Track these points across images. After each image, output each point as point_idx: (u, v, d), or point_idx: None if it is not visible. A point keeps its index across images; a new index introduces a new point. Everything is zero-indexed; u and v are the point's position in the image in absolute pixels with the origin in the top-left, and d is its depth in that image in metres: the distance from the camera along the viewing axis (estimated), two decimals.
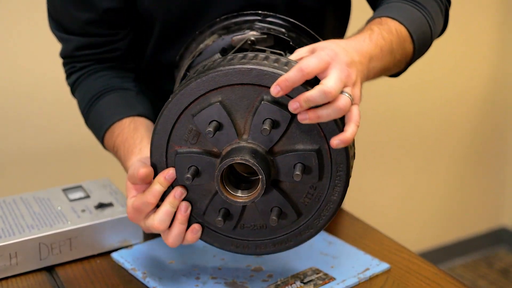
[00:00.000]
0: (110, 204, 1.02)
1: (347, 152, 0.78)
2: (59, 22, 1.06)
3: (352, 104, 0.75)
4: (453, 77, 2.46)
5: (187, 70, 0.93)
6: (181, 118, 0.79)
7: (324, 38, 0.90)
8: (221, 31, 0.93)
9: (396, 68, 0.95)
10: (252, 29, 0.91)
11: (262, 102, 0.76)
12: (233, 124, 0.77)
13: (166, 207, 0.83)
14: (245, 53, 0.78)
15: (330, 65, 0.75)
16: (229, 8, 0.98)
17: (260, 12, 0.93)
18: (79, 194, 1.07)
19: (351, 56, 0.78)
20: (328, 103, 0.74)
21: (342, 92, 0.75)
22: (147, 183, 0.83)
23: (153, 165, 0.83)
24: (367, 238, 1.03)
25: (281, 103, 0.76)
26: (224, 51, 0.92)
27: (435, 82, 2.42)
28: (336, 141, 0.75)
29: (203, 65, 0.81)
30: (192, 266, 0.93)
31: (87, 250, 0.97)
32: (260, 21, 0.93)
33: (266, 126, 0.75)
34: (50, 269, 0.96)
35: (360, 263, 0.94)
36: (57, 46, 1.10)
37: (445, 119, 2.49)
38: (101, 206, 1.02)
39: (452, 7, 1.07)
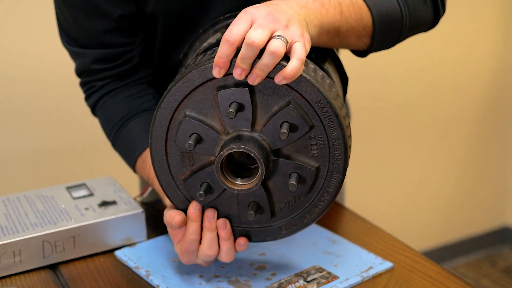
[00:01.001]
0: (113, 202, 1.02)
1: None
2: (71, 36, 1.03)
3: (288, 43, 0.74)
4: (454, 78, 2.46)
5: None
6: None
7: None
8: (224, 29, 0.93)
9: (355, 36, 0.91)
10: None
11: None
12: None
13: (207, 234, 0.85)
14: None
15: (253, 21, 0.75)
16: (230, 8, 0.98)
17: None
18: (82, 192, 1.07)
19: (275, 4, 0.78)
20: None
21: (272, 38, 0.74)
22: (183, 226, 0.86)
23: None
24: (370, 237, 1.03)
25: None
26: None
27: (437, 84, 2.42)
28: (279, 78, 0.74)
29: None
30: (195, 264, 0.93)
31: (90, 248, 0.98)
32: None
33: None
34: (53, 267, 0.96)
35: (363, 261, 0.94)
36: (63, 46, 1.09)
37: (448, 119, 2.49)
38: (104, 204, 1.02)
39: None
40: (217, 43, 0.91)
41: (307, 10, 0.82)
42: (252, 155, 0.76)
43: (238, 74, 0.74)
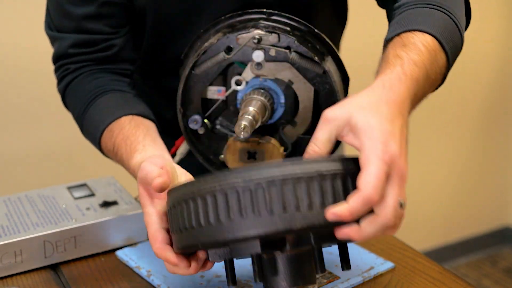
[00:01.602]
0: (114, 202, 1.02)
1: None
2: (53, 20, 1.02)
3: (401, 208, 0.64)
4: (455, 80, 2.46)
5: (192, 68, 0.93)
6: None
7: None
8: (226, 29, 0.94)
9: (432, 88, 0.81)
10: (257, 27, 0.91)
11: None
12: None
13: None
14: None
15: (389, 173, 0.65)
16: (225, 8, 0.97)
17: (265, 10, 0.93)
18: (84, 192, 1.07)
19: (399, 131, 0.67)
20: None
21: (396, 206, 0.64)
22: (164, 190, 0.77)
23: None
24: None
25: None
26: (229, 50, 0.92)
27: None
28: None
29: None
30: None
31: (91, 248, 0.98)
32: (265, 19, 0.93)
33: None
34: (54, 267, 0.96)
35: (364, 262, 0.94)
36: (45, 33, 1.06)
37: (449, 120, 2.49)
38: (105, 204, 1.02)
39: None
40: (218, 43, 0.91)
41: (412, 102, 0.73)
42: None
43: (342, 235, 0.66)
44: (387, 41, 0.82)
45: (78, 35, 1.01)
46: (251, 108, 0.89)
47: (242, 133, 0.87)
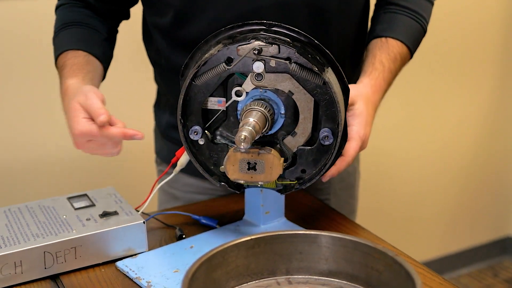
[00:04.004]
0: (115, 213, 1.02)
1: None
2: None
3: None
4: (455, 96, 2.46)
5: (193, 79, 0.94)
6: None
7: (330, 44, 0.98)
8: (226, 41, 0.94)
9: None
10: (257, 38, 0.91)
11: None
12: None
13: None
14: None
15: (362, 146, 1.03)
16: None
17: (265, 21, 0.94)
18: (84, 202, 1.07)
19: (372, 116, 1.04)
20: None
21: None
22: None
23: None
24: None
25: None
26: (229, 61, 0.92)
27: (441, 89, 2.42)
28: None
29: None
30: None
31: (92, 258, 0.98)
32: (265, 30, 0.93)
33: None
34: (54, 278, 0.96)
35: None
36: None
37: (450, 132, 2.49)
38: (106, 214, 1.02)
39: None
40: (219, 54, 0.91)
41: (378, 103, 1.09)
42: None
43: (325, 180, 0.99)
44: (375, 37, 1.16)
45: None
46: (251, 119, 0.89)
47: (242, 143, 0.87)
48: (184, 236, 1.06)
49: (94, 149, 0.98)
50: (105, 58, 1.15)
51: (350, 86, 0.97)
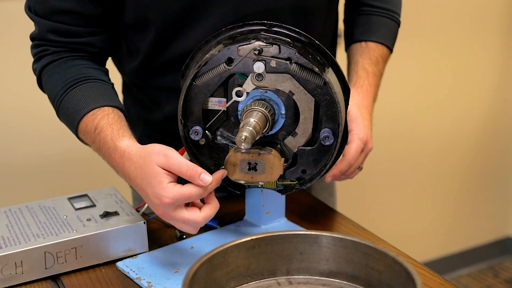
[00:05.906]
0: (115, 213, 1.02)
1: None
2: (33, 3, 1.05)
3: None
4: (455, 96, 2.46)
5: (193, 79, 0.94)
6: None
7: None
8: (227, 41, 0.94)
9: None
10: (258, 38, 0.91)
11: None
12: None
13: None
14: None
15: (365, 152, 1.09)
16: (227, 12, 1.00)
17: (265, 22, 0.94)
18: (84, 203, 1.07)
19: (368, 119, 1.09)
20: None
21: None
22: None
23: None
24: None
25: None
26: (230, 61, 0.92)
27: (438, 98, 2.42)
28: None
29: None
30: None
31: (92, 259, 0.98)
32: (265, 31, 0.93)
33: None
34: (55, 278, 0.96)
35: None
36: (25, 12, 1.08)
37: (450, 131, 2.49)
38: (106, 215, 1.02)
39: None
40: (219, 55, 0.91)
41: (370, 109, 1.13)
42: None
43: (328, 180, 1.07)
44: (355, 41, 1.21)
45: (55, 24, 1.04)
46: (252, 119, 0.90)
47: (243, 144, 0.87)
48: (184, 236, 1.07)
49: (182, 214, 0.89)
50: (122, 106, 1.04)
51: None
